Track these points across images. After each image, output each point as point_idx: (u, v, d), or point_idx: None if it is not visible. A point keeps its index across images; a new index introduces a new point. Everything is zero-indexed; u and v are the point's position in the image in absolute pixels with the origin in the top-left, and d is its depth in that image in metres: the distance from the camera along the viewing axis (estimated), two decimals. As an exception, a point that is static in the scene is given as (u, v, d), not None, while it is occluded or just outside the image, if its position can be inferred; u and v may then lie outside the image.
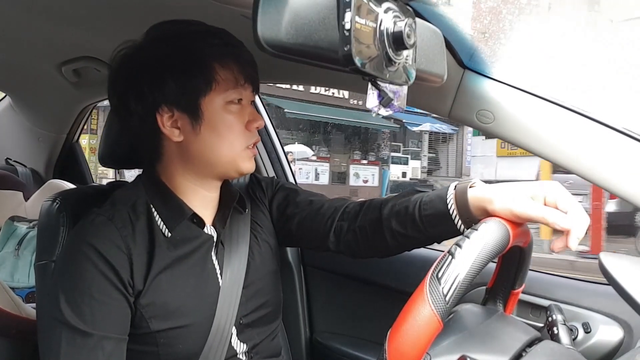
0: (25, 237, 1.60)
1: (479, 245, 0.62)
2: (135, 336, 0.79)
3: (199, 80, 0.79)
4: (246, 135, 0.85)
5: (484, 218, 0.72)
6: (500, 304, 0.79)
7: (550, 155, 0.87)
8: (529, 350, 0.67)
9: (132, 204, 0.84)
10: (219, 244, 0.89)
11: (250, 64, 0.84)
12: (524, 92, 0.89)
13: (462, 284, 0.59)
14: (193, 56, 0.80)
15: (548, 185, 0.71)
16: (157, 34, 0.83)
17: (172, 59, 0.80)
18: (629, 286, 0.60)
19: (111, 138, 0.97)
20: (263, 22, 0.51)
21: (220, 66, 0.80)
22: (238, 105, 0.84)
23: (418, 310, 0.59)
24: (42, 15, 1.03)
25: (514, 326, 0.74)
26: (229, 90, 0.81)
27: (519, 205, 0.69)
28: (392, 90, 0.64)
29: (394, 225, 0.84)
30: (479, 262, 0.61)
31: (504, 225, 0.67)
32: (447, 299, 0.58)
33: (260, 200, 0.99)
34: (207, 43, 0.80)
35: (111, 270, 0.76)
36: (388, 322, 0.62)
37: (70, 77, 1.47)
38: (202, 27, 0.82)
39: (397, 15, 0.59)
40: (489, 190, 0.74)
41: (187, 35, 0.81)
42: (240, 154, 0.85)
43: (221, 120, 0.82)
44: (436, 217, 0.79)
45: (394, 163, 15.59)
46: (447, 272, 0.60)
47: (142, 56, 0.82)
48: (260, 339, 0.92)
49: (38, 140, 1.96)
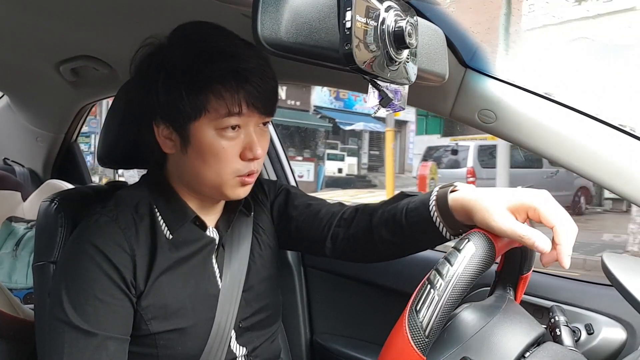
0: (23, 238, 1.59)
1: (460, 270, 0.59)
2: (135, 338, 0.78)
3: (187, 105, 0.75)
4: (238, 164, 0.79)
5: (468, 223, 0.70)
6: (510, 289, 0.77)
7: (553, 154, 0.86)
8: (532, 352, 0.67)
9: (136, 205, 0.83)
10: (220, 246, 0.89)
11: (259, 92, 0.76)
12: (526, 91, 0.88)
13: (441, 317, 0.58)
14: (189, 77, 0.75)
15: (533, 195, 0.65)
16: (177, 37, 0.79)
17: (171, 70, 0.76)
18: (632, 287, 0.60)
19: (110, 138, 0.96)
20: (263, 21, 0.50)
21: (213, 95, 0.75)
22: (235, 132, 0.78)
23: (398, 346, 0.58)
24: (39, 13, 1.02)
25: (517, 326, 0.74)
26: (220, 118, 0.76)
27: (496, 222, 0.64)
28: (393, 89, 0.64)
29: (384, 234, 0.82)
30: (462, 287, 0.59)
31: (488, 239, 0.63)
32: (427, 332, 0.57)
33: (262, 203, 0.99)
34: (210, 66, 0.74)
35: (115, 270, 0.75)
36: (388, 324, 0.62)
37: (68, 77, 1.47)
38: (219, 44, 0.76)
39: (398, 14, 0.58)
40: (470, 196, 0.69)
41: (197, 50, 0.76)
42: (228, 182, 0.80)
43: (209, 148, 0.77)
44: (422, 225, 0.76)
45: (330, 160, 16.30)
46: (426, 304, 0.58)
47: (153, 56, 0.80)
48: (260, 342, 0.92)
49: (36, 140, 1.96)
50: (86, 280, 0.75)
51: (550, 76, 0.97)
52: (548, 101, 0.87)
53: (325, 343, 1.38)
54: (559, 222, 0.63)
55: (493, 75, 0.91)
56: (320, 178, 15.24)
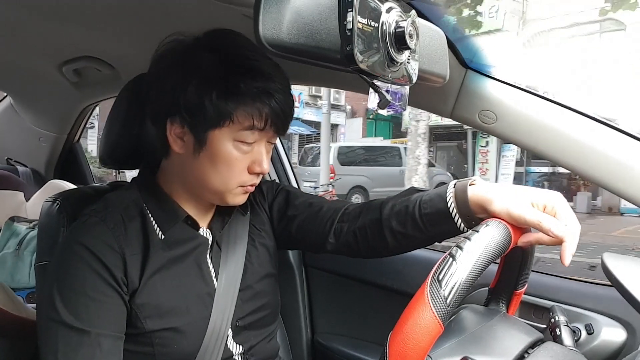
0: (26, 238, 1.60)
1: (480, 247, 0.62)
2: (130, 336, 0.79)
3: (214, 111, 0.76)
4: (245, 176, 0.82)
5: (484, 216, 0.72)
6: (503, 304, 0.79)
7: (553, 155, 0.86)
8: (532, 352, 0.67)
9: (125, 206, 0.84)
10: (215, 246, 0.89)
11: (282, 112, 0.79)
12: (526, 92, 0.88)
13: (463, 286, 0.59)
14: (223, 84, 0.76)
15: (550, 194, 0.70)
16: (212, 39, 0.80)
17: (206, 70, 0.76)
18: (632, 287, 0.60)
19: (112, 137, 0.96)
20: (265, 21, 0.50)
21: (243, 108, 0.77)
22: (249, 146, 0.80)
23: (419, 312, 0.58)
24: (42, 15, 1.02)
25: (517, 328, 0.74)
26: (242, 131, 0.78)
27: (517, 208, 0.68)
28: (394, 90, 0.64)
29: (394, 225, 0.84)
30: (480, 263, 0.61)
31: (506, 226, 0.66)
32: (448, 301, 0.58)
33: (259, 204, 0.99)
34: (243, 81, 0.76)
35: (104, 268, 0.76)
36: (389, 323, 0.62)
37: (71, 77, 1.47)
38: (253, 60, 0.77)
39: (399, 15, 0.59)
40: (489, 189, 0.73)
41: (233, 60, 0.77)
42: (232, 190, 0.83)
43: (223, 156, 0.79)
44: (436, 215, 0.78)
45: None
46: (448, 274, 0.59)
47: (186, 52, 0.79)
48: (257, 341, 0.92)
49: (39, 140, 1.96)
50: (76, 279, 0.76)
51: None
52: (548, 102, 0.87)
53: (326, 342, 1.39)
54: (570, 222, 0.67)
55: (493, 76, 0.91)
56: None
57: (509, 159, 12.92)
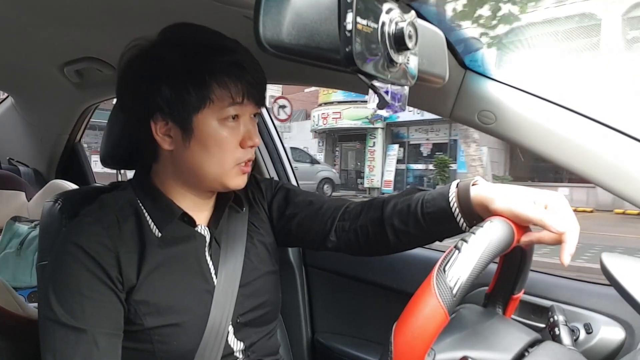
0: (27, 237, 1.61)
1: (484, 241, 0.63)
2: (130, 333, 0.80)
3: (193, 97, 0.78)
4: (238, 153, 0.84)
5: (485, 216, 0.72)
6: (500, 308, 0.79)
7: (552, 155, 0.87)
8: (531, 351, 0.67)
9: (120, 206, 0.85)
10: (213, 243, 0.90)
11: (255, 82, 0.82)
12: (525, 92, 0.89)
13: (468, 278, 0.60)
14: (193, 70, 0.78)
15: (551, 194, 0.71)
16: (168, 37, 0.82)
17: (173, 68, 0.79)
18: (630, 287, 0.60)
19: (112, 139, 0.97)
20: (265, 22, 0.51)
21: (218, 85, 0.79)
22: (234, 122, 0.82)
23: (425, 302, 0.59)
24: (44, 16, 1.03)
25: (516, 327, 0.74)
26: (224, 108, 0.80)
27: (520, 206, 0.69)
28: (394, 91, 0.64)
29: (396, 223, 0.84)
30: (485, 257, 0.62)
31: (509, 223, 0.67)
32: (454, 291, 0.59)
33: (258, 202, 1.00)
34: (211, 60, 0.79)
35: (98, 267, 0.77)
36: (389, 323, 0.62)
37: (73, 78, 1.48)
38: (213, 40, 0.81)
39: (398, 16, 0.59)
40: (492, 189, 0.74)
41: (194, 47, 0.80)
42: (229, 172, 0.84)
43: (212, 137, 0.81)
44: (438, 214, 0.79)
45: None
46: (454, 265, 0.60)
47: (148, 57, 0.82)
48: (258, 338, 0.93)
49: (40, 141, 1.97)
50: (71, 279, 0.76)
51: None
52: (547, 102, 0.87)
53: (326, 342, 1.39)
54: (571, 222, 0.68)
55: (492, 76, 0.91)
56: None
57: (392, 157, 15.51)
